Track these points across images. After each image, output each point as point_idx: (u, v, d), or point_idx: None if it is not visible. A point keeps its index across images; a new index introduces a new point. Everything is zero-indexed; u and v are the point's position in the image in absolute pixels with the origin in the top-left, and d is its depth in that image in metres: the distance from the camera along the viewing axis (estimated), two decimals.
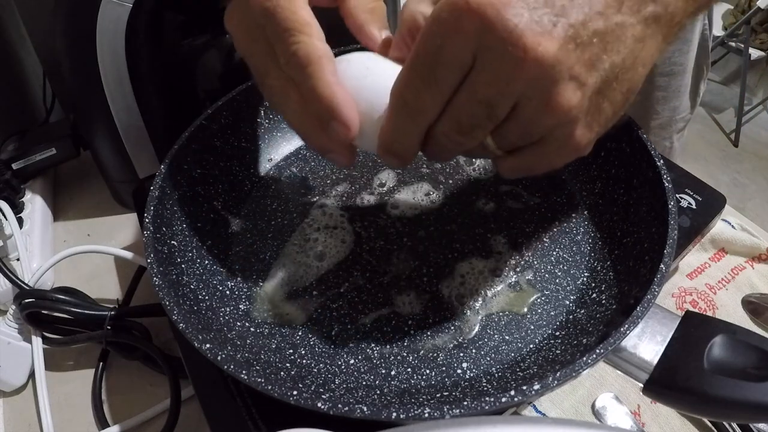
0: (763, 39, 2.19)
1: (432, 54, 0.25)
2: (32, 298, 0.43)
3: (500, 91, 0.24)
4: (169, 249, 0.36)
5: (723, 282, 0.47)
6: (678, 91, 0.66)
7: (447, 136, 0.27)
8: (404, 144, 0.28)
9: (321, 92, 0.28)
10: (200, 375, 0.34)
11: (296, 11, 0.29)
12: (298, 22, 0.28)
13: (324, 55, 0.28)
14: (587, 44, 0.24)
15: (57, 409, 0.43)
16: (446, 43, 0.24)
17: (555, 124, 0.25)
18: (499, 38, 0.23)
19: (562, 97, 0.24)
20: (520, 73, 0.23)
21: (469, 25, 0.23)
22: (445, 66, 0.25)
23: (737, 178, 2.08)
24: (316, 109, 0.28)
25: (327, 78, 0.28)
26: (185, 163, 0.40)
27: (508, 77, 0.24)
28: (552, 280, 0.37)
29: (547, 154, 0.27)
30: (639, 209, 0.37)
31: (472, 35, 0.23)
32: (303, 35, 0.28)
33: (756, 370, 0.27)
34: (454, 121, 0.26)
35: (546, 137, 0.26)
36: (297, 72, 0.28)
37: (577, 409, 0.39)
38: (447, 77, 0.25)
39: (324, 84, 0.28)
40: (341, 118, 0.28)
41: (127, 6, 0.43)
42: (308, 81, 0.28)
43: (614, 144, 0.40)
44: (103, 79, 0.47)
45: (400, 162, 0.29)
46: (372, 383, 0.33)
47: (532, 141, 0.27)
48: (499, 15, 0.23)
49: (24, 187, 0.56)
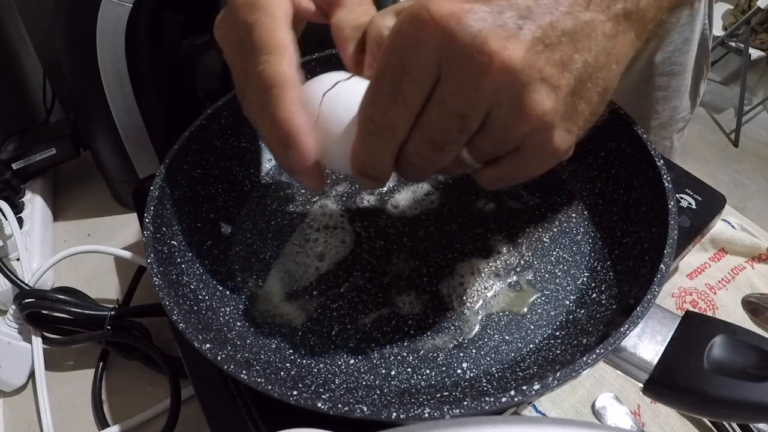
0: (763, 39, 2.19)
1: (395, 69, 0.24)
2: (32, 298, 0.43)
3: (470, 101, 0.23)
4: (169, 249, 0.36)
5: (723, 282, 0.47)
6: (678, 90, 0.66)
7: (419, 154, 0.26)
8: (376, 164, 0.27)
9: (279, 117, 0.27)
10: (200, 375, 0.34)
11: (274, 31, 0.28)
12: (271, 42, 0.28)
13: (289, 79, 0.28)
14: (556, 45, 0.23)
15: (57, 409, 0.43)
16: (409, 56, 0.23)
17: (530, 130, 0.24)
18: (462, 46, 0.22)
19: (534, 101, 0.23)
20: (488, 80, 0.22)
21: (430, 36, 0.23)
22: (409, 80, 0.24)
23: (737, 178, 2.08)
24: (278, 134, 0.28)
25: (287, 104, 0.27)
26: (185, 163, 0.40)
27: (476, 85, 0.23)
28: (552, 280, 0.37)
29: (526, 161, 0.26)
30: (639, 209, 0.37)
31: (435, 46, 0.23)
32: (273, 56, 0.28)
33: (756, 370, 0.27)
34: (425, 137, 0.25)
35: (523, 145, 0.25)
36: (261, 93, 0.28)
37: (577, 409, 0.39)
38: (413, 92, 0.24)
39: (283, 110, 0.27)
40: (296, 146, 0.28)
41: (127, 6, 0.43)
42: (269, 105, 0.28)
43: (614, 144, 0.40)
44: (103, 79, 0.47)
45: (375, 183, 0.29)
46: (372, 383, 0.33)
47: (509, 150, 0.26)
48: (461, 22, 0.22)
49: (24, 187, 0.56)
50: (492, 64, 0.22)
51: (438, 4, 0.23)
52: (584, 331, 0.33)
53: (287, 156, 0.28)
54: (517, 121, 0.24)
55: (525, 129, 0.24)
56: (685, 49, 0.63)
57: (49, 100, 0.64)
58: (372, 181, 0.29)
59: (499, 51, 0.22)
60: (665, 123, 0.69)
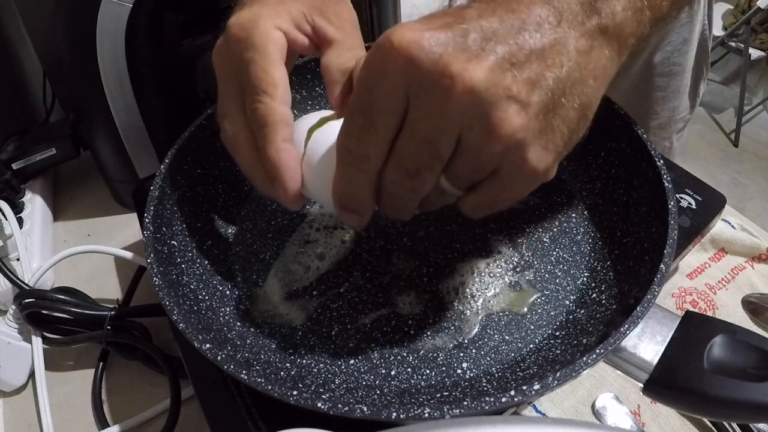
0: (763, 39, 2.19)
1: (366, 99, 0.25)
2: (32, 298, 0.43)
3: (438, 126, 0.24)
4: (169, 249, 0.36)
5: (723, 282, 0.47)
6: (677, 91, 0.66)
7: (396, 183, 0.26)
8: (356, 196, 0.28)
9: (268, 154, 0.29)
10: (200, 375, 0.34)
11: (268, 70, 0.30)
12: (266, 82, 0.29)
13: (280, 119, 0.29)
14: (525, 63, 0.23)
15: (57, 409, 0.43)
16: (376, 86, 0.24)
17: (502, 149, 0.24)
18: (426, 72, 0.23)
19: (503, 120, 0.23)
20: (452, 103, 0.23)
21: (394, 65, 0.23)
22: (379, 110, 0.24)
23: (737, 178, 2.08)
24: (265, 168, 0.30)
25: (277, 142, 0.29)
26: (185, 163, 0.40)
27: (442, 109, 0.23)
28: (552, 280, 0.37)
29: (505, 184, 0.26)
30: (639, 209, 0.37)
31: (399, 74, 0.23)
32: (266, 96, 0.29)
33: (756, 370, 0.27)
34: (399, 165, 0.26)
35: (499, 167, 0.25)
36: (255, 129, 0.30)
37: (577, 409, 0.39)
38: (383, 120, 0.25)
39: (273, 148, 0.29)
40: (281, 182, 0.30)
41: (127, 6, 0.43)
42: (261, 140, 0.30)
43: (614, 144, 0.40)
44: (103, 79, 0.47)
45: (357, 218, 0.29)
46: (372, 383, 0.33)
47: (486, 174, 0.26)
48: (423, 48, 0.22)
49: (24, 187, 0.56)
50: (454, 86, 0.22)
51: (400, 32, 0.23)
52: (584, 331, 0.33)
53: (273, 188, 0.30)
54: (488, 141, 0.24)
55: (497, 148, 0.24)
56: (684, 49, 0.63)
57: (49, 100, 0.64)
58: (353, 215, 0.29)
59: (460, 73, 0.22)
60: (664, 123, 0.69)
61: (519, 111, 0.23)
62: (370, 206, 0.29)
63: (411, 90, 0.23)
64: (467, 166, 0.25)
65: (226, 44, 0.31)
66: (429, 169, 0.25)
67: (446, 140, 0.24)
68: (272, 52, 0.30)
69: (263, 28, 0.30)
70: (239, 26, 0.30)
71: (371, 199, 0.28)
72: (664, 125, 0.69)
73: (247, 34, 0.30)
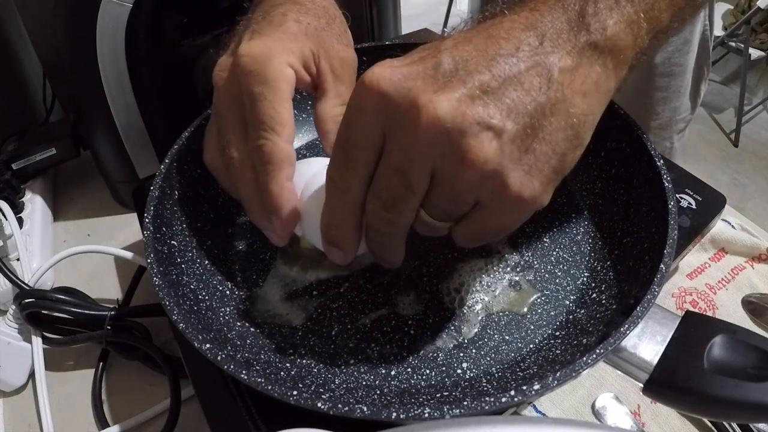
0: (763, 39, 2.19)
1: (345, 136, 0.26)
2: (32, 298, 0.43)
3: (408, 157, 0.24)
4: (169, 249, 0.36)
5: (723, 282, 0.47)
6: (678, 91, 0.66)
7: (375, 215, 0.27)
8: (339, 228, 0.29)
9: (271, 190, 0.30)
10: (200, 375, 0.34)
11: (278, 108, 0.30)
12: (274, 120, 0.30)
13: (285, 158, 0.30)
14: (498, 89, 0.23)
15: (57, 409, 0.43)
16: (354, 123, 0.25)
17: (477, 177, 0.24)
18: (395, 105, 0.23)
19: (473, 147, 0.23)
20: (420, 133, 0.23)
21: (368, 102, 0.24)
22: (356, 145, 0.25)
23: (737, 178, 2.08)
24: (265, 201, 0.31)
25: (281, 180, 0.30)
26: (185, 163, 0.40)
27: (411, 141, 0.23)
28: (552, 280, 0.37)
29: (491, 214, 0.26)
30: (639, 209, 0.37)
31: (373, 110, 0.24)
32: (273, 134, 0.30)
33: (756, 370, 0.27)
34: (375, 197, 0.26)
35: (480, 197, 0.25)
36: (258, 164, 0.30)
37: (577, 409, 0.39)
38: (360, 156, 0.25)
39: (277, 185, 0.30)
40: (279, 219, 0.31)
41: (127, 6, 0.43)
42: (265, 176, 0.30)
43: (614, 144, 0.40)
44: (103, 79, 0.47)
45: (341, 252, 0.30)
46: (372, 383, 0.33)
47: (467, 205, 0.26)
48: (392, 83, 0.23)
49: (24, 187, 0.56)
50: (420, 117, 0.23)
51: (374, 70, 0.24)
52: (584, 331, 0.33)
53: (268, 222, 0.31)
54: (460, 169, 0.23)
55: (472, 176, 0.24)
56: (685, 50, 0.63)
57: (49, 100, 0.64)
58: (337, 250, 0.30)
59: (425, 104, 0.23)
60: (665, 124, 0.69)
61: (492, 138, 0.23)
62: (353, 241, 0.29)
63: (385, 124, 0.24)
64: (445, 198, 0.25)
65: (235, 73, 0.31)
66: (403, 201, 0.26)
67: (418, 171, 0.24)
68: (283, 89, 0.31)
69: (277, 65, 0.31)
70: (252, 58, 0.31)
71: (354, 234, 0.29)
72: (665, 126, 0.69)
73: (259, 68, 0.30)
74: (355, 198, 0.27)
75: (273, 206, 0.31)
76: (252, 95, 0.30)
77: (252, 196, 0.32)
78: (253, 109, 0.30)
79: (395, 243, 0.29)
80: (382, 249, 0.29)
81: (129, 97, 0.48)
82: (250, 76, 0.30)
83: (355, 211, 0.28)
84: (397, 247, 0.29)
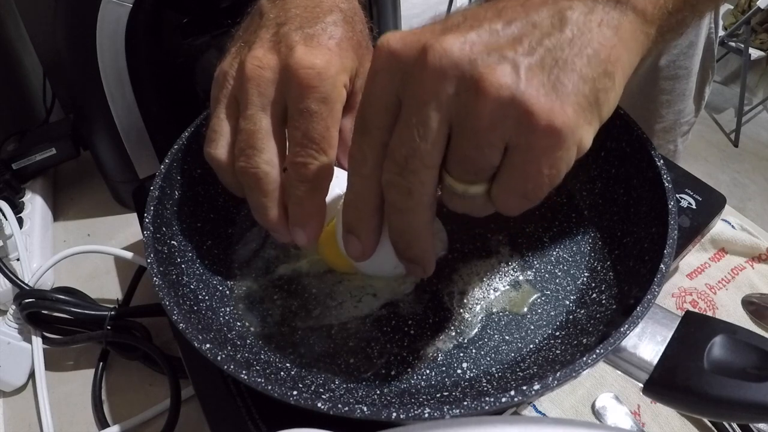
0: (763, 39, 2.19)
1: (362, 105, 0.25)
2: (32, 298, 0.43)
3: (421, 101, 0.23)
4: (169, 249, 0.36)
5: (723, 282, 0.47)
6: (683, 94, 0.66)
7: (392, 184, 0.25)
8: (357, 207, 0.27)
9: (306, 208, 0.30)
10: (200, 375, 0.34)
11: (331, 129, 0.30)
12: (325, 141, 0.30)
13: (329, 178, 0.30)
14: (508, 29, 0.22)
15: (57, 409, 0.43)
16: (368, 88, 0.25)
17: (497, 107, 0.21)
18: (404, 57, 0.23)
19: (487, 75, 0.21)
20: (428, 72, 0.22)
21: (380, 62, 0.24)
22: (371, 107, 0.25)
23: (737, 178, 2.08)
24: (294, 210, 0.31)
25: (320, 199, 0.31)
26: (185, 163, 0.40)
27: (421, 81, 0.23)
28: (552, 280, 0.37)
29: (525, 158, 0.23)
30: (639, 209, 0.37)
31: (384, 68, 0.24)
32: (322, 155, 0.30)
33: (756, 370, 0.27)
34: (392, 161, 0.24)
35: (509, 137, 0.22)
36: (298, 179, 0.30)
37: (577, 409, 0.39)
38: (375, 119, 0.25)
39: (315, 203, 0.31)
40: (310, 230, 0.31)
41: (127, 6, 0.43)
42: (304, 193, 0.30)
43: (614, 144, 0.40)
44: (103, 79, 0.47)
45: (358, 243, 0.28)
46: (372, 383, 0.33)
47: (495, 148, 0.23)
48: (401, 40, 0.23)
49: (24, 187, 0.56)
50: (427, 56, 0.22)
51: (386, 34, 0.24)
52: (584, 331, 0.33)
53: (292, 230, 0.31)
54: (476, 103, 0.22)
55: (490, 107, 0.22)
56: (691, 53, 0.63)
57: (49, 100, 0.64)
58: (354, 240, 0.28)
59: (431, 44, 0.22)
60: (669, 127, 0.68)
61: (506, 65, 0.22)
62: (370, 228, 0.28)
63: (398, 82, 0.24)
64: (468, 146, 0.23)
65: (288, 80, 0.30)
66: (419, 157, 0.23)
67: (432, 116, 0.23)
68: (339, 110, 0.30)
69: (337, 85, 0.30)
70: (316, 73, 0.29)
71: (371, 219, 0.27)
72: (669, 128, 0.69)
73: (321, 85, 0.29)
74: (372, 171, 0.25)
75: (303, 221, 0.31)
76: (308, 111, 0.29)
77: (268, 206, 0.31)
78: (305, 125, 0.29)
79: (417, 226, 0.26)
80: (406, 239, 0.27)
81: (129, 97, 0.48)
82: (310, 92, 0.29)
83: (372, 187, 0.26)
84: (421, 234, 0.27)
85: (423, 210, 0.25)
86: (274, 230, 0.32)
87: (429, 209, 0.26)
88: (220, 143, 0.32)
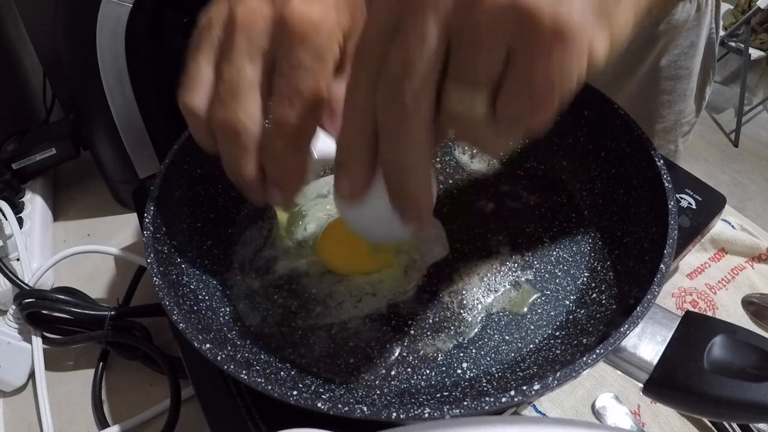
0: (763, 39, 2.19)
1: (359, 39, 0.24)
2: (32, 298, 0.43)
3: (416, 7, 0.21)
4: (169, 249, 0.36)
5: (723, 282, 0.47)
6: (684, 94, 0.66)
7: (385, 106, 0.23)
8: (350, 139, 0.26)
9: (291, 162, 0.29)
10: (200, 375, 0.34)
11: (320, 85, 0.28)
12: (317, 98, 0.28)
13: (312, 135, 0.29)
14: None
15: (57, 409, 0.43)
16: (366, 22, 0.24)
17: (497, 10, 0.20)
18: None
19: None
20: None
21: None
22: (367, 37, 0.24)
23: (737, 178, 2.08)
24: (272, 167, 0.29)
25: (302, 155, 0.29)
26: (185, 163, 0.40)
27: None
28: (552, 280, 0.37)
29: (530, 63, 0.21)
30: (639, 209, 0.37)
31: None
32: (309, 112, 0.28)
33: (756, 370, 0.27)
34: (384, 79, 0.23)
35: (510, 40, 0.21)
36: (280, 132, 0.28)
37: (577, 409, 0.39)
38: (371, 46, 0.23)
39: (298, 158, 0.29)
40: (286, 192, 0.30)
41: (127, 6, 0.43)
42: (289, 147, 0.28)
43: (614, 144, 0.40)
44: (103, 79, 0.47)
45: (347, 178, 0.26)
46: (372, 383, 0.33)
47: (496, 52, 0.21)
48: None
49: (24, 187, 0.56)
50: None
51: None
52: (584, 331, 0.33)
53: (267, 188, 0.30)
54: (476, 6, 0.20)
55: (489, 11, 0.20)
56: (692, 53, 0.63)
57: (49, 100, 0.64)
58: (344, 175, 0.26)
59: None
60: (670, 127, 0.68)
61: None
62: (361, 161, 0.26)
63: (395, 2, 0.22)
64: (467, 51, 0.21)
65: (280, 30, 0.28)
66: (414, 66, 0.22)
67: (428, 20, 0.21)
68: (330, 68, 0.28)
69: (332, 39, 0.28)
70: (311, 25, 0.27)
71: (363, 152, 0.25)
72: (669, 129, 0.68)
73: (315, 38, 0.27)
74: (366, 99, 0.24)
75: (282, 179, 0.29)
76: (300, 64, 0.27)
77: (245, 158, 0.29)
78: (294, 78, 0.27)
79: (413, 157, 0.24)
80: (400, 173, 0.25)
81: (129, 97, 0.48)
82: (304, 44, 0.27)
83: (365, 117, 0.24)
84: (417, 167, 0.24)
85: (419, 135, 0.24)
86: (248, 189, 0.30)
87: (425, 138, 0.24)
88: (198, 90, 0.29)
